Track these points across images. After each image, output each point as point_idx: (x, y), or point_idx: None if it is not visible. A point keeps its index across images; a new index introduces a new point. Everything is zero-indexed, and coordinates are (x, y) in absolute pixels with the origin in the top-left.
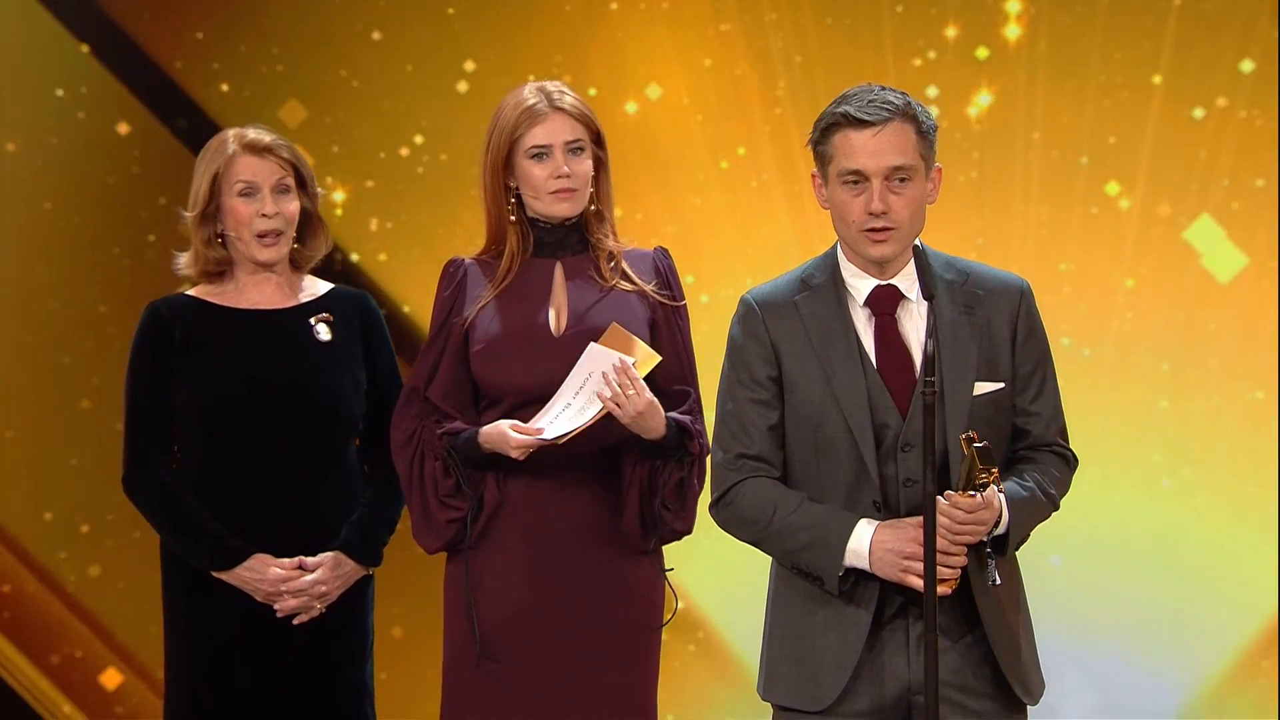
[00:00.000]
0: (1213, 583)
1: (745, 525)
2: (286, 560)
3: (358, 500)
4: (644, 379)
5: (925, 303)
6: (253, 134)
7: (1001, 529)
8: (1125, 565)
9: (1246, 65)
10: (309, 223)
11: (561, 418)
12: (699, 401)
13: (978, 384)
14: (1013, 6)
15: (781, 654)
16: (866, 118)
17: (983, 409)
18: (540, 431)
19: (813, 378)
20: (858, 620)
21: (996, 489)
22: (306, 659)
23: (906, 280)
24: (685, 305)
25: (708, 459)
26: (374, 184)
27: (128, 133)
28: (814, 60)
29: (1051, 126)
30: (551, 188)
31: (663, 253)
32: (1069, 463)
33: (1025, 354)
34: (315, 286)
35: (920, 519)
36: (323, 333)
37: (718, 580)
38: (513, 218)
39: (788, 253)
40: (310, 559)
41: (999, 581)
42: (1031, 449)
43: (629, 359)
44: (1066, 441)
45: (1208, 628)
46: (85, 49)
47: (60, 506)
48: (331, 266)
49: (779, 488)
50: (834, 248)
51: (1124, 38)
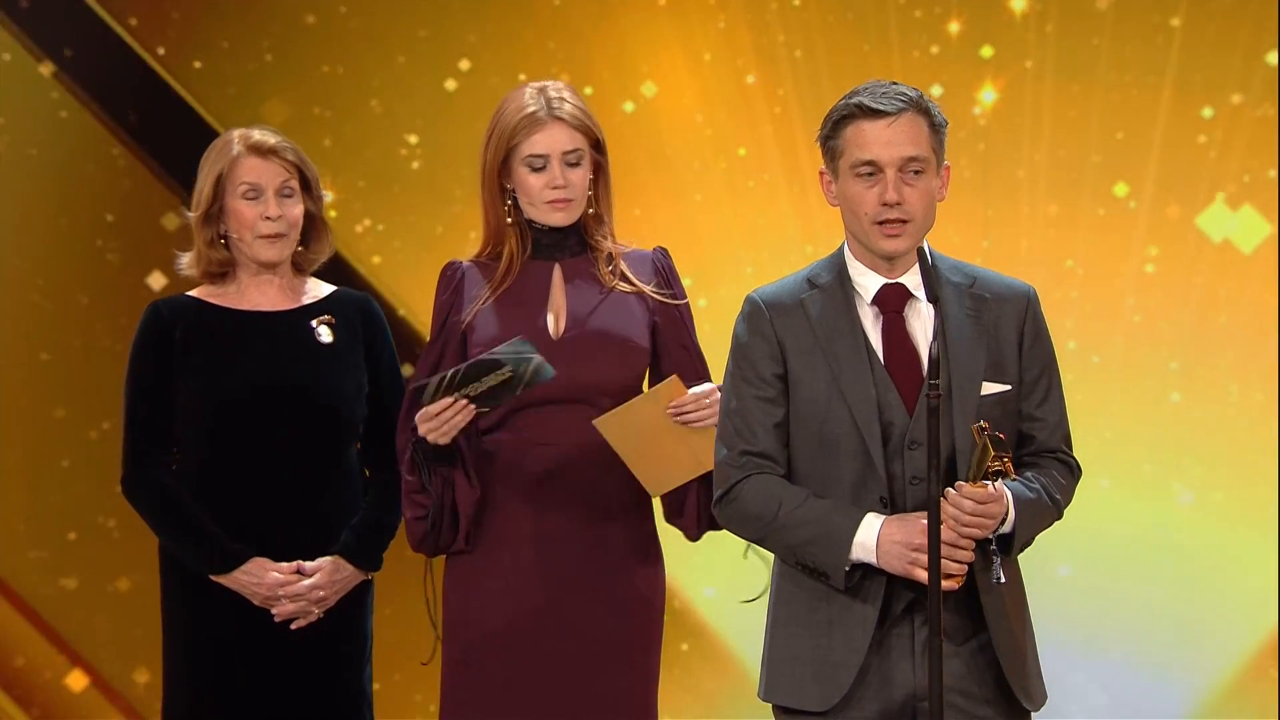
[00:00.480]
0: (1221, 588)
1: (750, 521)
2: (285, 565)
3: (359, 503)
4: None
5: (931, 303)
6: (258, 135)
7: (1007, 528)
8: (1132, 571)
9: (1271, 58)
10: (312, 225)
11: None
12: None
13: (985, 384)
14: (1017, 4)
15: (784, 654)
16: (881, 107)
17: (990, 410)
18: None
19: (819, 375)
20: (864, 617)
21: (1006, 483)
22: (305, 663)
23: (914, 279)
24: (688, 303)
25: None
26: (365, 184)
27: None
28: (817, 55)
29: (1058, 124)
30: (547, 198)
31: (662, 253)
32: (1073, 471)
33: (1032, 359)
34: (317, 289)
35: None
36: (324, 335)
37: (718, 580)
38: (510, 220)
39: (788, 254)
40: (308, 564)
41: (1003, 579)
42: (1036, 455)
43: (681, 397)
44: (1071, 449)
45: (1215, 632)
46: (68, 52)
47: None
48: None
49: (783, 484)
50: (840, 248)
51: (1132, 36)
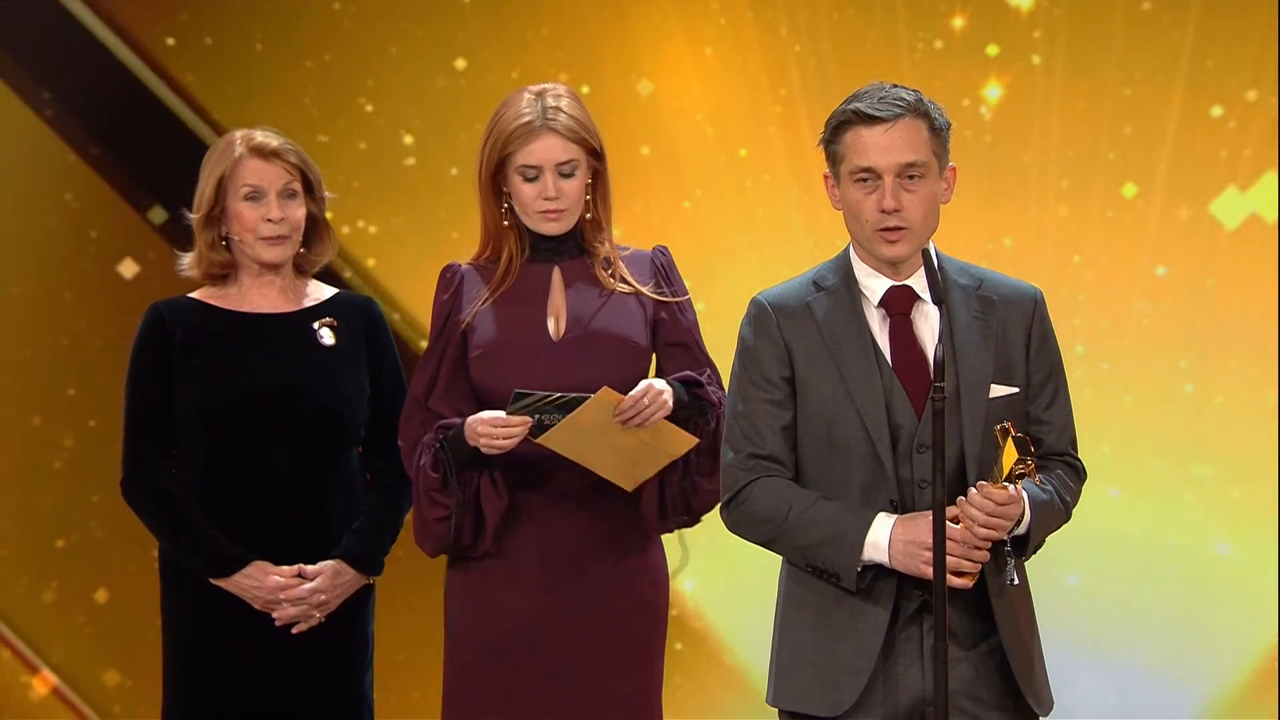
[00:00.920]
0: (1230, 594)
1: (759, 524)
2: (285, 568)
3: (360, 507)
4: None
5: (938, 305)
6: (260, 137)
7: (1023, 529)
8: (1141, 578)
9: None
10: (315, 227)
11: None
12: (716, 375)
13: (994, 387)
14: (1024, 1)
15: (794, 659)
16: (877, 114)
17: (999, 412)
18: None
19: (826, 378)
20: (874, 620)
21: (1030, 483)
22: (305, 668)
23: (921, 281)
24: (689, 299)
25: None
26: (359, 184)
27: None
28: (821, 52)
29: (1067, 122)
30: (539, 208)
31: (661, 251)
32: (1080, 474)
33: (1039, 362)
34: (319, 291)
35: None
36: (326, 337)
37: (724, 584)
38: (507, 223)
39: (790, 253)
40: (309, 567)
41: (1017, 581)
42: (1044, 458)
43: (617, 404)
44: (1077, 451)
45: (1224, 637)
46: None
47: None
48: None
49: (793, 486)
50: (846, 249)
51: (1144, 32)
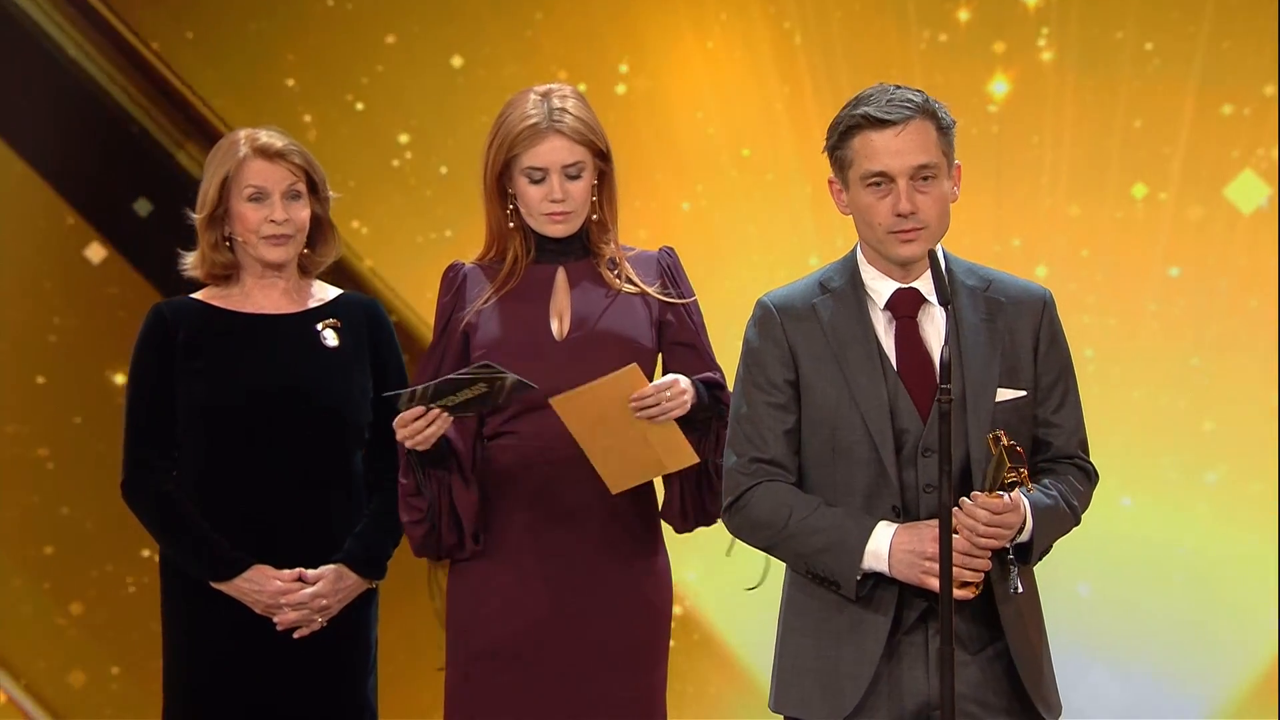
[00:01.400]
0: (1240, 600)
1: (760, 529)
2: (286, 572)
3: (363, 510)
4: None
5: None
6: (264, 137)
7: (1025, 536)
8: (1151, 583)
9: None
10: (319, 228)
11: None
12: (723, 377)
13: (1000, 390)
14: None
15: (795, 664)
16: (887, 117)
17: (1004, 416)
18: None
19: (831, 381)
20: (876, 627)
21: (1023, 492)
22: (308, 673)
23: (928, 284)
24: (695, 301)
25: None
26: (355, 183)
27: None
28: (831, 49)
29: (1077, 119)
30: (545, 210)
31: (667, 252)
32: (1090, 477)
33: (1047, 364)
34: (323, 292)
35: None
36: (329, 339)
37: (727, 586)
38: (512, 224)
39: (790, 251)
40: (310, 571)
41: (1021, 589)
42: (1053, 461)
43: (636, 390)
44: (1088, 454)
45: (1233, 641)
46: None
47: None
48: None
49: (794, 491)
50: (853, 251)
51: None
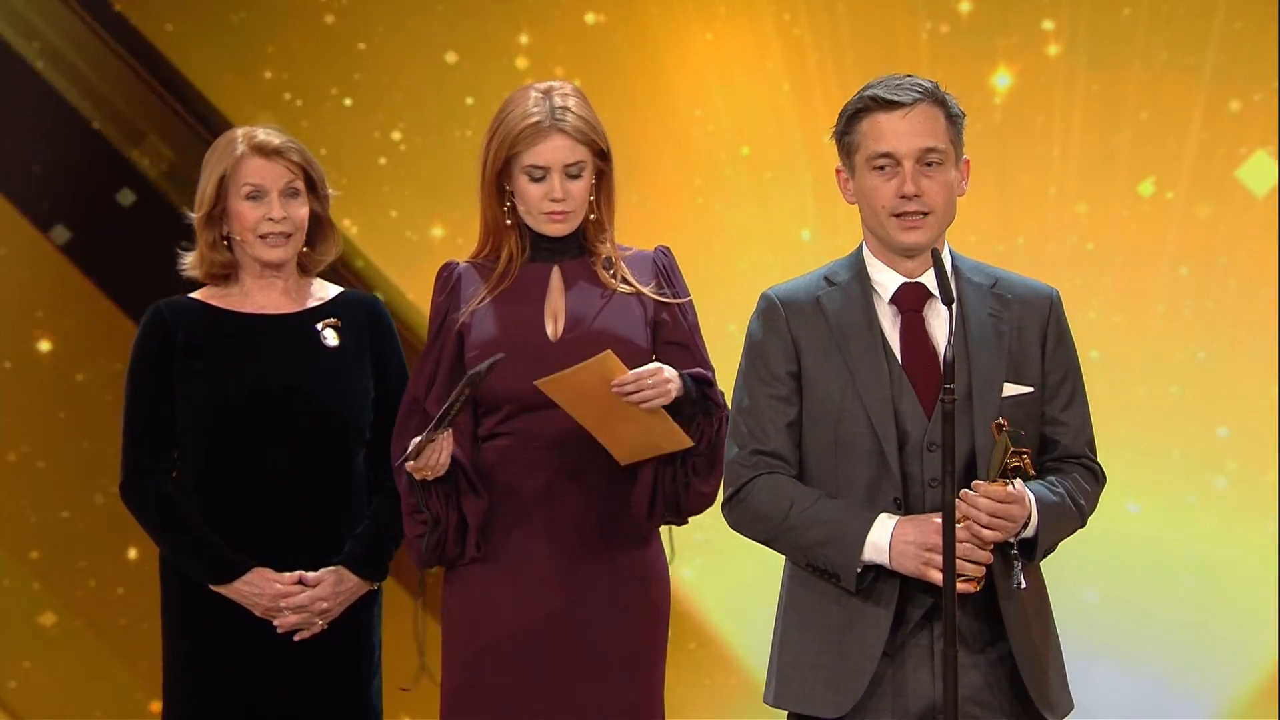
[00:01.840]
0: (1247, 604)
1: (760, 522)
2: (287, 575)
3: (364, 511)
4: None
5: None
6: (262, 135)
7: (1030, 531)
8: (1159, 588)
9: None
10: (319, 226)
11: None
12: (713, 379)
13: (1007, 386)
14: None
15: (796, 659)
16: (896, 98)
17: (1010, 413)
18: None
19: (834, 374)
20: (877, 621)
21: (1026, 488)
22: (312, 677)
23: (933, 278)
24: (690, 301)
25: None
26: (347, 181)
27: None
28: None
29: (1085, 115)
30: (545, 209)
31: (663, 251)
32: (1098, 477)
33: (1055, 362)
34: (323, 290)
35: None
36: (330, 338)
37: (726, 583)
38: (509, 221)
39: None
40: (311, 574)
41: (1024, 585)
42: (1060, 460)
43: (616, 378)
44: (1095, 454)
45: (1240, 643)
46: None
47: None
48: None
49: (795, 484)
50: (859, 247)
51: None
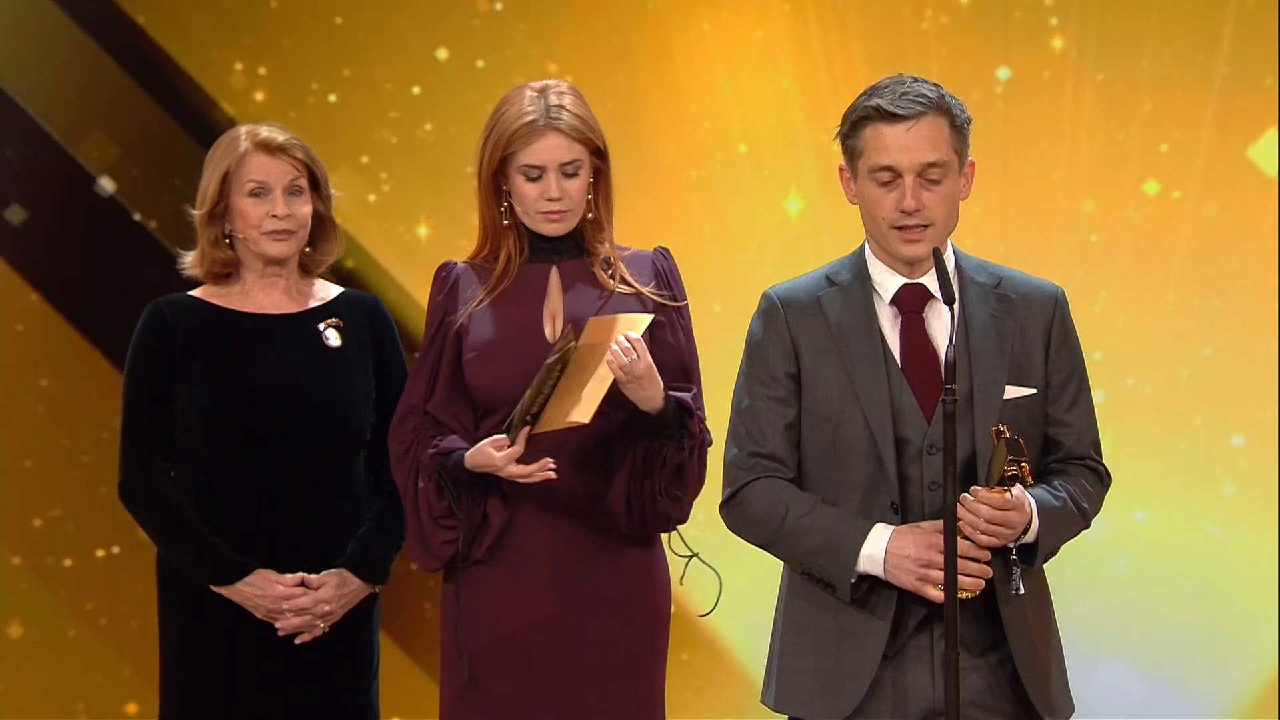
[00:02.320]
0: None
1: (755, 526)
2: (289, 577)
3: (365, 513)
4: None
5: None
6: (266, 132)
7: (1030, 537)
8: (1165, 593)
9: None
10: (321, 225)
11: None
12: (699, 399)
13: (1009, 388)
14: None
15: (795, 664)
16: (899, 112)
17: (1013, 415)
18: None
19: (833, 376)
20: (875, 630)
21: (1026, 493)
22: (309, 680)
23: (935, 279)
24: (687, 305)
25: (708, 453)
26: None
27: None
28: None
29: (1094, 114)
30: (541, 208)
31: (663, 253)
32: (1102, 479)
33: (1059, 362)
34: (325, 290)
35: (940, 523)
36: (332, 339)
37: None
38: (506, 221)
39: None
40: (313, 576)
41: (1023, 591)
42: (1064, 462)
43: (630, 331)
44: (1100, 456)
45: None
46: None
47: None
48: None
49: (791, 489)
50: (861, 246)
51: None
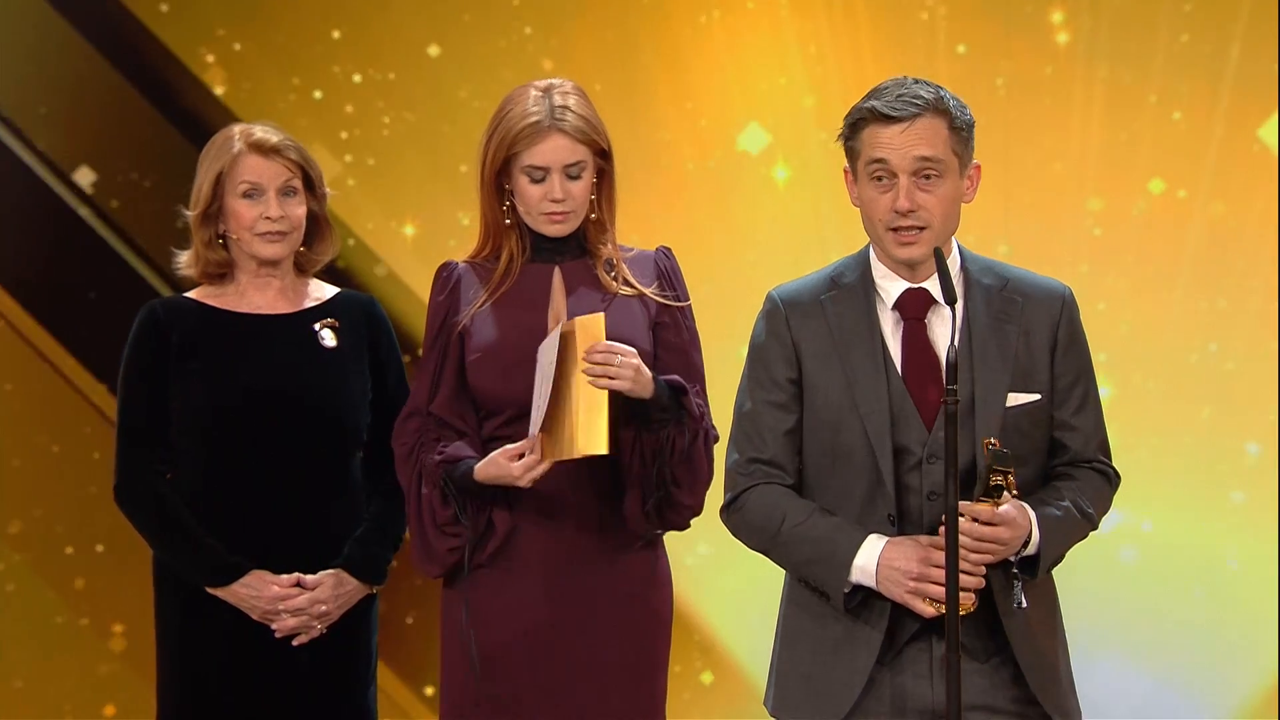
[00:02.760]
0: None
1: (754, 533)
2: (285, 577)
3: (363, 514)
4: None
5: (957, 309)
6: (259, 133)
7: (1032, 550)
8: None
9: None
10: (316, 225)
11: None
12: (703, 394)
13: (1011, 395)
14: None
15: (793, 669)
16: (893, 113)
17: (1016, 421)
18: (534, 445)
19: (833, 382)
20: (868, 640)
21: (1027, 506)
22: (308, 683)
23: (938, 284)
24: (690, 305)
25: (715, 446)
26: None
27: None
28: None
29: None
30: (544, 209)
31: (665, 253)
32: (1111, 480)
33: (1066, 365)
34: (320, 291)
35: (934, 538)
36: (327, 339)
37: (725, 589)
38: (508, 221)
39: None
40: (309, 577)
41: (1024, 605)
42: (1071, 465)
43: (595, 342)
44: (1109, 457)
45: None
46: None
47: None
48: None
49: (789, 496)
50: (866, 247)
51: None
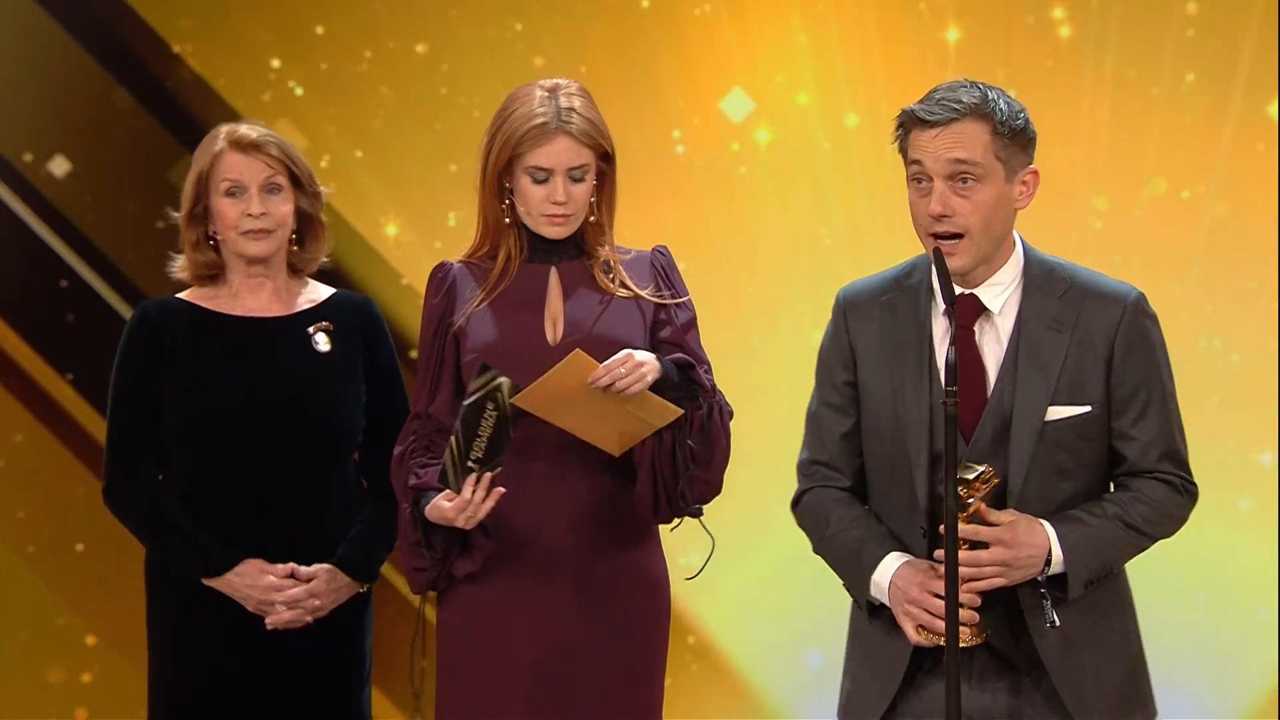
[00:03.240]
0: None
1: (808, 534)
2: (279, 567)
3: (357, 517)
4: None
5: (1009, 317)
6: (242, 130)
7: (1057, 568)
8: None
9: None
10: (307, 224)
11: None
12: (710, 375)
13: (1054, 408)
14: None
15: (846, 669)
16: (929, 117)
17: (1060, 434)
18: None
19: (883, 388)
20: (897, 651)
21: (1046, 525)
22: (301, 685)
23: (991, 291)
24: (690, 300)
25: (730, 422)
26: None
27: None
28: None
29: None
30: (545, 211)
31: (661, 251)
32: (1178, 489)
33: (1125, 374)
34: (315, 292)
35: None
36: (322, 343)
37: (725, 592)
38: (508, 220)
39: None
40: (304, 569)
41: (1057, 623)
42: (1128, 476)
43: (593, 370)
44: (1180, 467)
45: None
46: None
47: None
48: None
49: (838, 501)
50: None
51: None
